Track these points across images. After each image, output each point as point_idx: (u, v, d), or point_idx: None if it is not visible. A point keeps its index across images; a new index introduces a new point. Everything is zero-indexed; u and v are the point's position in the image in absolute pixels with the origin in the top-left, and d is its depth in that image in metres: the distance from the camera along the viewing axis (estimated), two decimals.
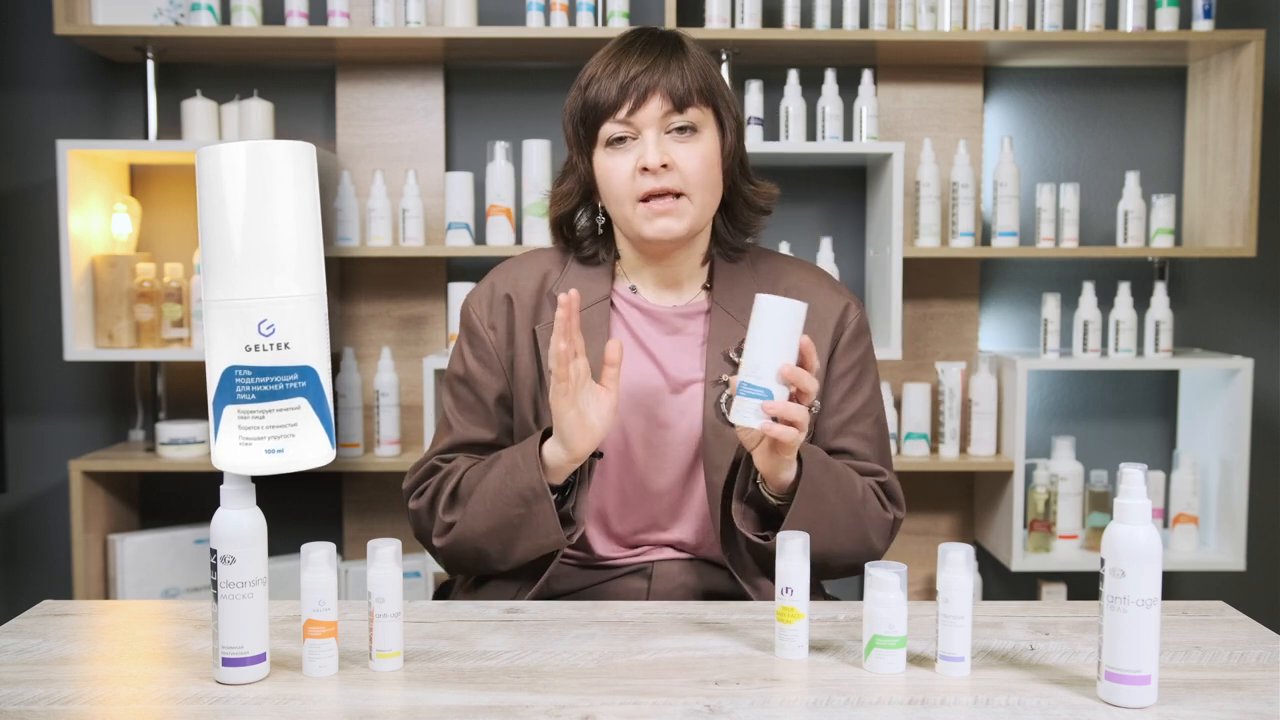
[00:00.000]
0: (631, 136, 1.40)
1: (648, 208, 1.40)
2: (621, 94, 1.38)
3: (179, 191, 2.92)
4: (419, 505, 1.47)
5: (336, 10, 2.72)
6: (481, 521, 1.39)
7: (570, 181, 1.48)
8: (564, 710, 1.03)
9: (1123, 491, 1.05)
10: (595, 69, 1.42)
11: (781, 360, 1.24)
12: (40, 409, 2.96)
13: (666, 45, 1.42)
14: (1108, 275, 2.96)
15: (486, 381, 1.49)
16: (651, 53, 1.40)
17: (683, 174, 1.39)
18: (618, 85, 1.39)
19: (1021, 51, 2.81)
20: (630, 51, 1.41)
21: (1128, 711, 1.03)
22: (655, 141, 1.38)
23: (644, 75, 1.38)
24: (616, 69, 1.40)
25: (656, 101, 1.38)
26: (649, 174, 1.38)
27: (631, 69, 1.39)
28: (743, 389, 1.25)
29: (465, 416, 1.49)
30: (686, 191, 1.40)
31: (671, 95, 1.38)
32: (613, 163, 1.41)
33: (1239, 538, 2.75)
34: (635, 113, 1.39)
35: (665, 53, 1.40)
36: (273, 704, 1.05)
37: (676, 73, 1.39)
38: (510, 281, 1.50)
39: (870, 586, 1.13)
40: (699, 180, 1.40)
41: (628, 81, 1.38)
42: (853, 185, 2.99)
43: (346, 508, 2.98)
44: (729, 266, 1.51)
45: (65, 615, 1.31)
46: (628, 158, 1.40)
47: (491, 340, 1.48)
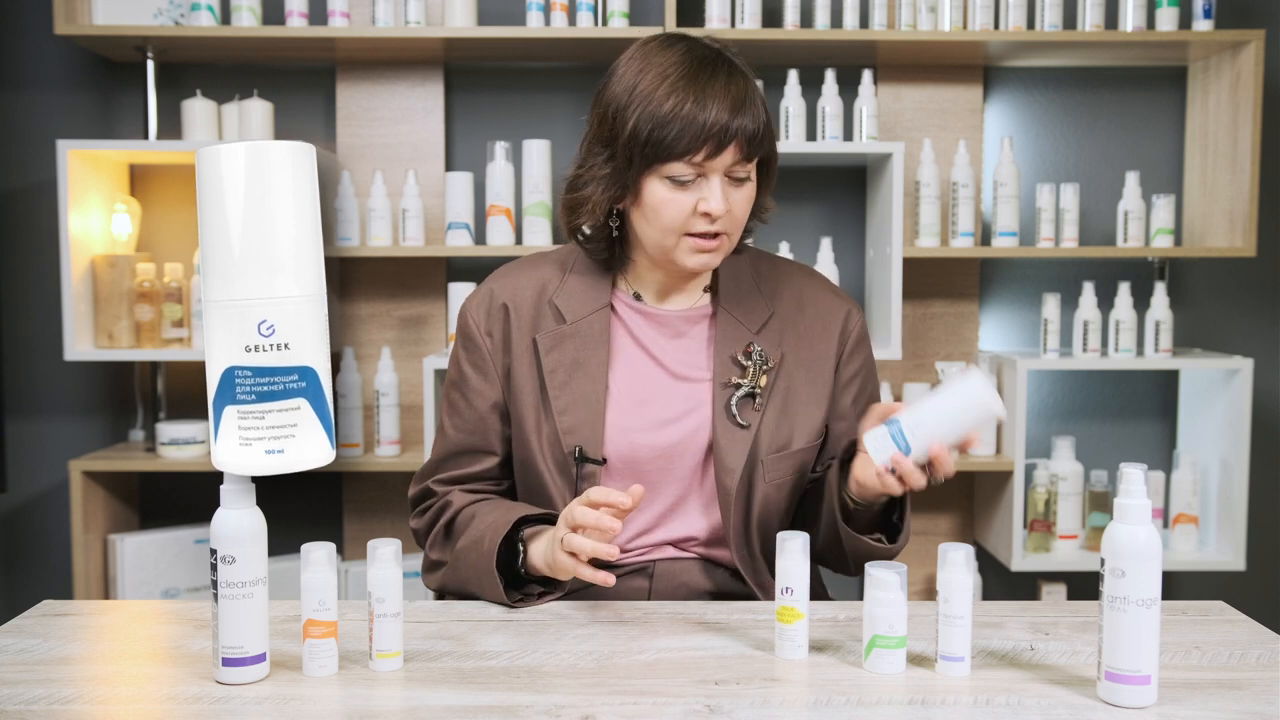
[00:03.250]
0: (696, 175, 1.37)
1: (693, 244, 1.40)
2: (704, 140, 1.34)
3: (179, 191, 2.92)
4: (418, 526, 1.53)
5: (336, 10, 2.72)
6: (454, 581, 1.44)
7: (600, 191, 1.42)
8: (564, 710, 1.03)
9: (1123, 491, 1.05)
10: (675, 100, 1.34)
11: (944, 438, 1.27)
12: (40, 409, 2.96)
13: (742, 82, 1.38)
14: (1108, 275, 2.96)
15: (481, 389, 1.49)
16: (733, 92, 1.35)
17: (734, 218, 1.40)
18: (702, 130, 1.34)
19: (1021, 51, 2.81)
20: (712, 88, 1.35)
21: (1128, 711, 1.03)
22: (721, 188, 1.38)
23: (730, 122, 1.34)
24: (702, 109, 1.34)
25: (732, 150, 1.36)
26: (707, 218, 1.38)
27: (718, 113, 1.34)
28: (894, 425, 1.28)
29: (458, 423, 1.51)
30: (730, 232, 1.41)
31: (748, 144, 1.36)
32: (672, 197, 1.38)
33: (1239, 538, 2.75)
34: (712, 159, 1.36)
35: (742, 92, 1.36)
36: (273, 704, 1.05)
37: (750, 116, 1.36)
38: (509, 290, 1.50)
39: (870, 586, 1.13)
40: (742, 221, 1.43)
41: (714, 129, 1.34)
42: (853, 185, 2.99)
43: (346, 508, 2.98)
44: (731, 270, 1.52)
45: (65, 615, 1.31)
46: (689, 196, 1.38)
47: (488, 347, 1.49)
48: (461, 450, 1.50)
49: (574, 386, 1.45)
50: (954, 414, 1.26)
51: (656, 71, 1.37)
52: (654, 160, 1.36)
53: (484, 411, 1.49)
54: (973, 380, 1.25)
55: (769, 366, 1.46)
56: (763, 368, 1.46)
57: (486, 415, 1.49)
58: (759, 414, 1.45)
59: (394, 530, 2.95)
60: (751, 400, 1.45)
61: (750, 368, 1.46)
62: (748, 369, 1.46)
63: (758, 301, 1.50)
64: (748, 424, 1.44)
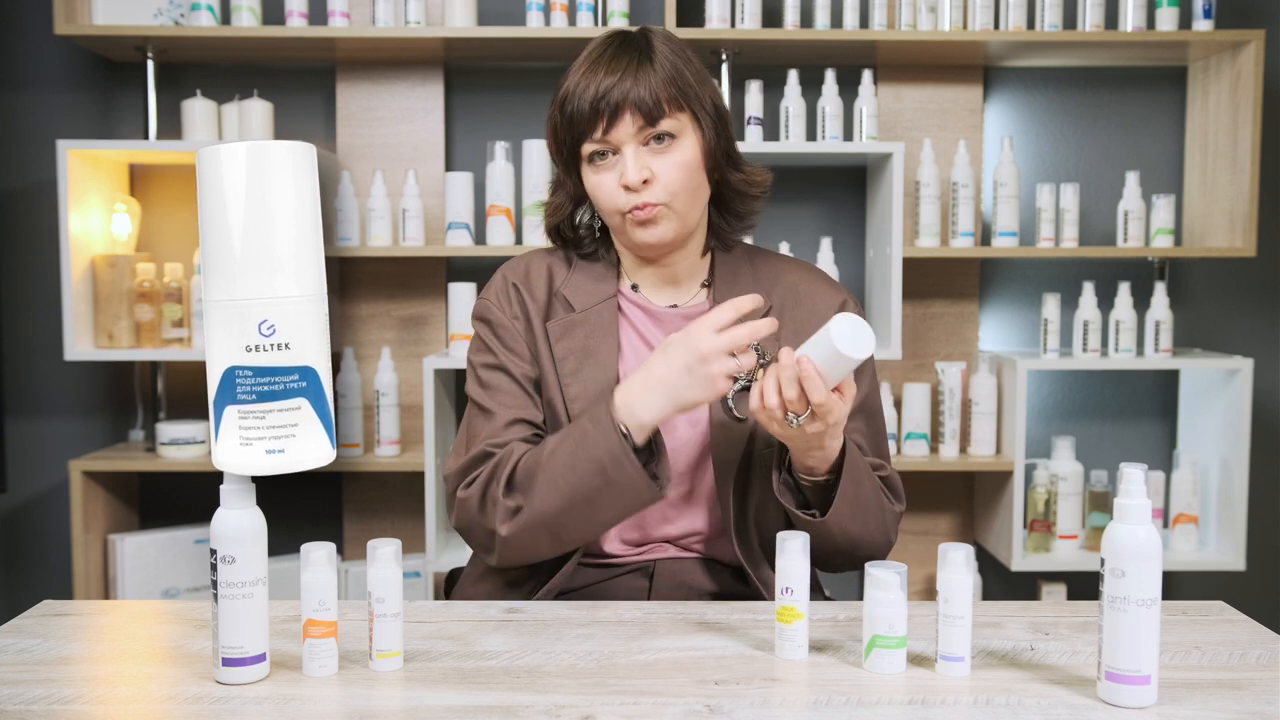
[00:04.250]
0: (612, 151, 1.40)
1: (631, 218, 1.41)
2: (594, 113, 1.38)
3: (179, 191, 2.92)
4: (468, 495, 1.39)
5: (336, 10, 2.72)
6: (554, 500, 1.32)
7: (561, 195, 1.50)
8: (564, 710, 1.03)
9: (1123, 491, 1.05)
10: (569, 83, 1.41)
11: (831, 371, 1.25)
12: (40, 409, 2.97)
13: (634, 53, 1.40)
14: (1108, 275, 2.96)
15: (516, 362, 1.46)
16: (619, 64, 1.38)
17: (664, 185, 1.40)
18: (589, 104, 1.38)
19: (1021, 51, 2.81)
20: (600, 64, 1.39)
21: (1128, 711, 1.03)
22: (634, 157, 1.38)
23: (613, 90, 1.37)
24: (588, 85, 1.38)
25: (628, 118, 1.38)
26: (631, 190, 1.39)
27: (600, 84, 1.37)
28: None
29: (503, 399, 1.44)
30: (668, 201, 1.40)
31: (641, 109, 1.37)
32: (598, 179, 1.42)
33: (1239, 538, 2.75)
34: (610, 131, 1.38)
35: (632, 63, 1.38)
36: (273, 704, 1.05)
37: (644, 83, 1.37)
38: (521, 274, 1.51)
39: (870, 586, 1.13)
40: (680, 188, 1.41)
41: (598, 99, 1.37)
42: (853, 185, 2.99)
43: (346, 508, 2.98)
44: (728, 264, 1.52)
45: (65, 615, 1.31)
46: (611, 174, 1.40)
47: (516, 328, 1.48)
48: (513, 421, 1.44)
49: (585, 374, 1.45)
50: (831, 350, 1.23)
51: (574, 64, 1.43)
52: (572, 146, 1.42)
53: (527, 385, 1.46)
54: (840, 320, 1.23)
55: (766, 360, 1.47)
56: (760, 362, 1.46)
57: (529, 389, 1.46)
58: None
59: (394, 530, 2.95)
60: (748, 394, 1.45)
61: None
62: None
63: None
64: (744, 417, 1.44)
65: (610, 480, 1.30)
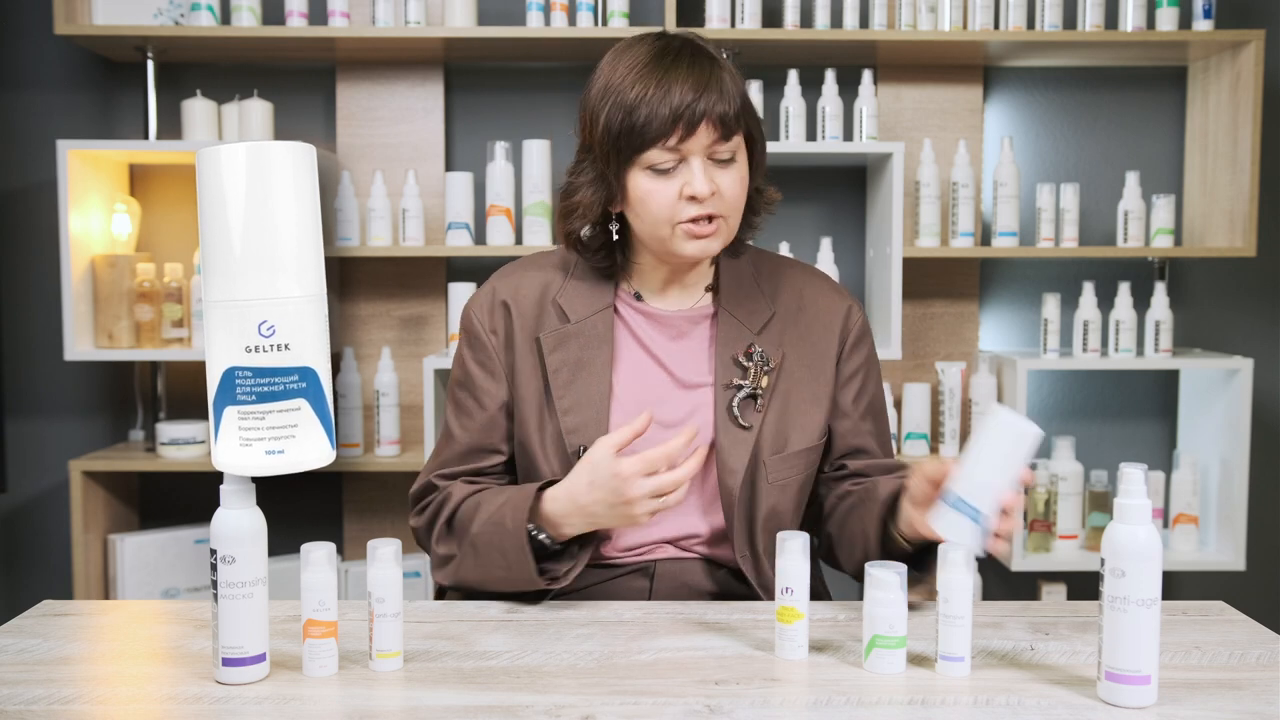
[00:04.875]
0: (675, 162, 1.38)
1: (688, 230, 1.40)
2: (674, 122, 1.35)
3: (179, 191, 2.92)
4: (419, 524, 1.50)
5: (336, 10, 2.72)
6: (472, 572, 1.41)
7: (590, 194, 1.43)
8: (564, 710, 1.03)
9: (1123, 491, 1.05)
10: (640, 88, 1.36)
11: (1007, 486, 1.19)
12: (40, 409, 2.96)
13: (707, 64, 1.38)
14: (1108, 275, 2.96)
15: (488, 386, 1.49)
16: (695, 75, 1.36)
17: (727, 199, 1.40)
18: (670, 112, 1.34)
19: (1021, 51, 2.81)
20: (675, 71, 1.36)
21: (1128, 711, 1.03)
22: (702, 170, 1.37)
23: (698, 102, 1.35)
24: (666, 93, 1.35)
25: (705, 131, 1.36)
26: (695, 202, 1.38)
27: (682, 94, 1.34)
28: (953, 500, 1.20)
29: (466, 423, 1.50)
30: (727, 215, 1.41)
31: (721, 123, 1.36)
32: (655, 187, 1.39)
33: (1239, 538, 2.75)
34: (685, 141, 1.36)
35: (706, 74, 1.37)
36: (273, 704, 1.05)
37: (727, 99, 1.37)
38: (511, 288, 1.50)
39: (870, 586, 1.13)
40: (738, 203, 1.42)
41: (680, 109, 1.34)
42: (853, 185, 2.99)
43: (346, 508, 2.98)
44: (733, 269, 1.52)
45: (65, 615, 1.31)
46: (672, 183, 1.38)
47: (493, 345, 1.49)
48: (470, 450, 1.50)
49: (578, 386, 1.45)
50: (1004, 459, 1.19)
51: (625, 65, 1.39)
52: (630, 151, 1.38)
53: (493, 412, 1.49)
54: (1003, 418, 1.19)
55: (770, 367, 1.47)
56: (764, 369, 1.46)
57: (495, 415, 1.49)
58: (760, 415, 1.45)
59: (394, 530, 2.95)
60: (753, 401, 1.45)
61: (751, 369, 1.46)
62: (749, 370, 1.46)
63: (759, 302, 1.50)
64: (749, 425, 1.44)
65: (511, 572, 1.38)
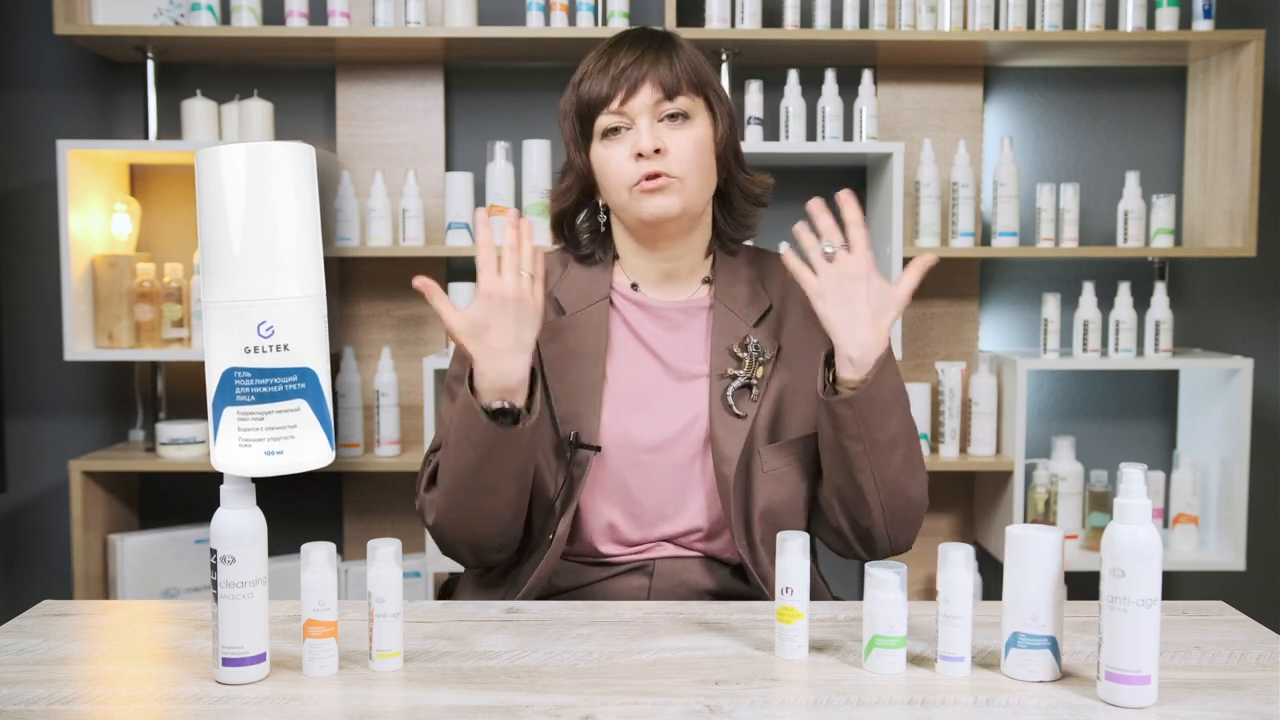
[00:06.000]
0: (626, 126, 1.44)
1: (641, 188, 1.43)
2: (614, 86, 1.43)
3: (179, 191, 2.92)
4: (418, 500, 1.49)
5: (336, 10, 2.72)
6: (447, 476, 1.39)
7: (569, 178, 1.52)
8: (564, 710, 1.03)
9: (1123, 491, 1.05)
10: (587, 66, 1.47)
11: (1055, 599, 1.16)
12: (40, 409, 2.96)
13: (656, 40, 1.47)
14: (1108, 275, 2.96)
15: None
16: (640, 46, 1.45)
17: (676, 158, 1.43)
18: (609, 78, 1.44)
19: (1021, 51, 2.81)
20: (620, 47, 1.46)
21: (1128, 711, 1.03)
22: (649, 128, 1.43)
23: (634, 66, 1.43)
24: (608, 64, 1.44)
25: (647, 90, 1.43)
26: (644, 159, 1.42)
27: (622, 62, 1.44)
28: (1020, 641, 1.12)
29: None
30: (680, 174, 1.43)
31: (662, 84, 1.43)
32: (609, 153, 1.45)
33: (1239, 538, 2.75)
34: (627, 102, 1.43)
35: (654, 46, 1.45)
36: (273, 704, 1.05)
37: (666, 63, 1.44)
38: None
39: (870, 586, 1.13)
40: (691, 163, 1.44)
41: (619, 73, 1.43)
42: (853, 185, 2.98)
43: (346, 508, 2.98)
44: (729, 264, 1.54)
45: (65, 615, 1.31)
46: (623, 146, 1.44)
47: None
48: None
49: (571, 376, 1.46)
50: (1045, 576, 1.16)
51: (590, 54, 1.49)
52: (586, 121, 1.46)
53: None
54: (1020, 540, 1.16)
55: (765, 359, 1.48)
56: (759, 359, 1.47)
57: None
58: (755, 404, 1.46)
59: (394, 530, 2.95)
60: (748, 391, 1.47)
61: (746, 359, 1.47)
62: (744, 361, 1.47)
63: (756, 295, 1.52)
64: (744, 414, 1.45)
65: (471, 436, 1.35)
